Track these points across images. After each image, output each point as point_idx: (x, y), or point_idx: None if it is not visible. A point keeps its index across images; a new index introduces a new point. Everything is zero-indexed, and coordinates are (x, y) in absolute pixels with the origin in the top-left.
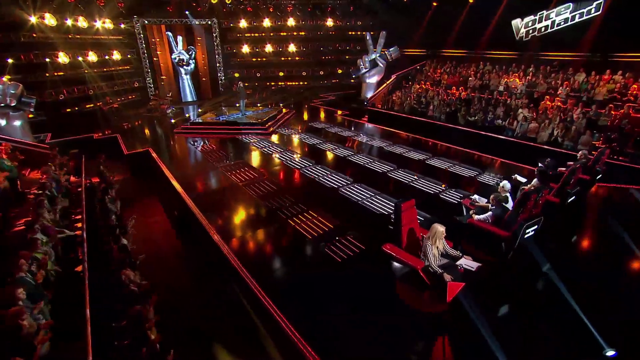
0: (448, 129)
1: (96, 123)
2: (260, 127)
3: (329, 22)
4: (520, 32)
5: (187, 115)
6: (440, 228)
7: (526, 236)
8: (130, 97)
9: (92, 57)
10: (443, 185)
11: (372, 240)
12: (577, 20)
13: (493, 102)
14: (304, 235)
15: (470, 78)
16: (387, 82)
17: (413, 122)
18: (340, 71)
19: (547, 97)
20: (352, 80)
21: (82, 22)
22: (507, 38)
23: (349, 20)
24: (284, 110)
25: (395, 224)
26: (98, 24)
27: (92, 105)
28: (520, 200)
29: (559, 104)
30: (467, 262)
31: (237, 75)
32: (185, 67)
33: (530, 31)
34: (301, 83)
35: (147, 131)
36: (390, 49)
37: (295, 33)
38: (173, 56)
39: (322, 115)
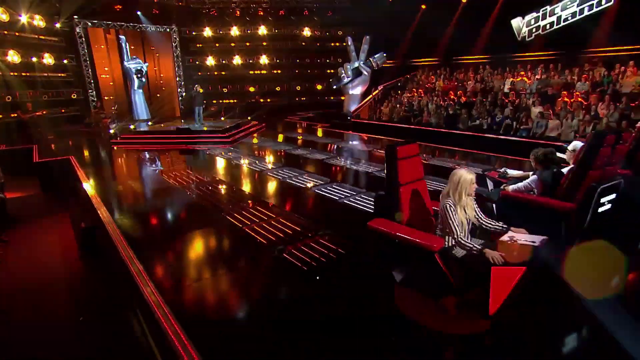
0: (447, 134)
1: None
2: (220, 136)
3: (306, 32)
4: (522, 32)
5: (131, 127)
6: (467, 175)
7: (601, 209)
8: (62, 110)
9: (14, 57)
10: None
11: (355, 239)
12: (586, 13)
13: (499, 104)
14: (259, 240)
15: (469, 82)
16: (374, 93)
17: (405, 129)
18: (319, 87)
19: (565, 93)
20: (333, 98)
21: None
22: (507, 39)
23: (328, 29)
24: (252, 121)
25: (388, 181)
26: (24, 19)
27: (15, 114)
28: (587, 152)
29: (579, 99)
30: (520, 237)
31: (200, 89)
32: (141, 79)
33: (534, 30)
34: (275, 100)
35: (74, 142)
36: (376, 56)
37: (265, 43)
38: (127, 64)
39: (300, 129)
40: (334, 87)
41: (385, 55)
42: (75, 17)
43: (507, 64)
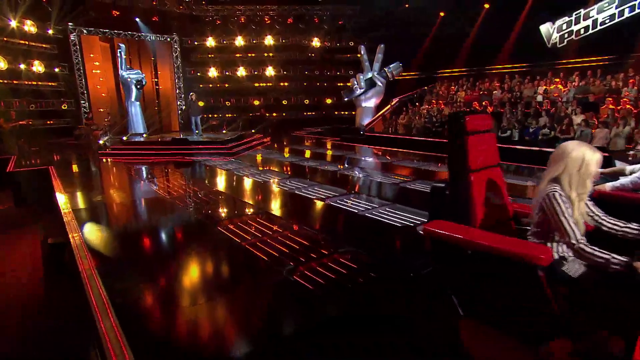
0: None
1: None
2: (221, 147)
3: (315, 42)
4: (552, 38)
5: (124, 138)
6: (592, 154)
7: None
8: (49, 122)
9: (0, 63)
10: None
11: (385, 257)
12: (627, 15)
13: (532, 113)
14: (263, 259)
15: (494, 92)
16: (388, 106)
17: (425, 142)
18: (329, 101)
19: (610, 99)
20: (345, 113)
21: None
22: (536, 46)
23: (338, 39)
24: (255, 134)
25: (452, 165)
26: (13, 24)
27: None
28: None
29: (627, 106)
30: None
31: (194, 97)
32: (140, 90)
33: (566, 35)
34: (280, 114)
35: (58, 153)
36: (391, 66)
37: (272, 54)
38: (127, 75)
39: (307, 142)
40: (346, 99)
41: (401, 65)
42: (70, 23)
43: (538, 72)
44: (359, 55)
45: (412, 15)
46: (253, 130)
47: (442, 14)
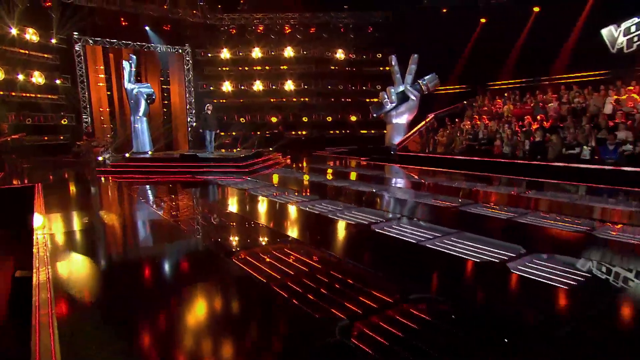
0: (530, 166)
1: None
2: (236, 165)
3: (339, 54)
4: (618, 42)
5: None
6: None
7: None
8: (45, 138)
9: None
10: None
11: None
12: None
13: (603, 125)
14: (300, 308)
15: (550, 104)
16: (423, 122)
17: (471, 162)
18: (353, 118)
19: None
20: (373, 131)
21: None
22: (597, 52)
23: (365, 51)
24: (273, 153)
25: None
26: (14, 31)
27: None
28: None
29: None
30: None
31: (210, 109)
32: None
33: (636, 39)
34: (300, 132)
35: (52, 170)
36: (426, 78)
37: (292, 67)
38: (138, 88)
39: (333, 162)
40: (375, 115)
41: (437, 77)
42: (75, 33)
43: (604, 80)
44: (389, 67)
45: (449, 22)
46: (271, 149)
47: (483, 20)
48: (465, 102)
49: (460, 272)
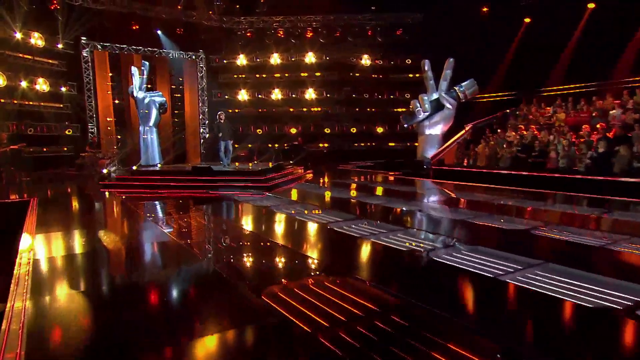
0: (595, 181)
1: None
2: (255, 179)
3: (365, 60)
4: None
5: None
6: None
7: None
8: (45, 149)
9: None
10: None
11: None
12: None
13: None
14: None
15: (612, 111)
16: (462, 132)
17: (521, 177)
18: (379, 130)
19: None
20: (400, 144)
21: None
22: None
23: (393, 56)
24: (295, 167)
25: None
26: (18, 35)
27: None
28: None
29: None
30: None
31: (222, 117)
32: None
33: None
34: (322, 144)
35: (52, 184)
36: (464, 84)
37: (314, 74)
38: (150, 97)
39: (361, 177)
40: (406, 125)
41: (476, 83)
42: (83, 38)
43: None
44: (421, 73)
45: (489, 23)
46: (291, 162)
47: (527, 19)
48: (507, 110)
49: (572, 322)
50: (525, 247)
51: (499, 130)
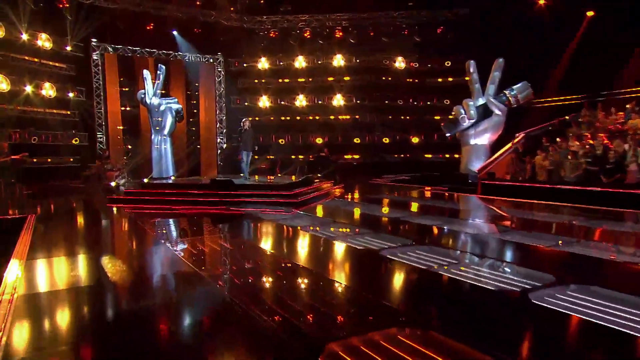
0: None
1: None
2: (282, 194)
3: (400, 63)
4: None
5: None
6: None
7: None
8: (47, 159)
9: (1, 84)
10: None
11: None
12: None
13: None
14: None
15: None
16: (516, 140)
17: (594, 194)
18: (415, 140)
19: None
20: (440, 156)
21: None
22: None
23: (431, 58)
24: (324, 181)
25: None
26: (24, 37)
27: None
28: None
29: None
30: None
31: (246, 124)
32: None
33: None
34: (351, 155)
35: (55, 198)
36: (515, 87)
37: (342, 79)
38: (166, 104)
39: (398, 193)
40: (448, 134)
41: (529, 85)
42: (94, 40)
43: None
44: (466, 76)
45: (545, 18)
46: (319, 175)
47: (590, 13)
48: (566, 117)
49: None
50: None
51: (558, 140)
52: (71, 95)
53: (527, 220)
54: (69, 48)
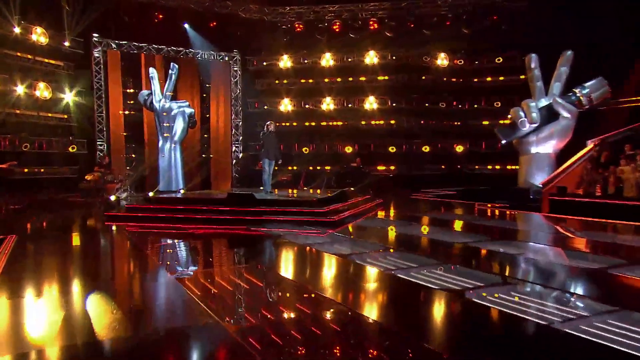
0: None
1: None
2: (314, 211)
3: (442, 59)
4: None
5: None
6: None
7: None
8: (40, 169)
9: None
10: None
11: None
12: None
13: None
14: None
15: None
16: (585, 151)
17: None
18: (459, 149)
19: None
20: (486, 167)
21: None
22: None
23: (479, 54)
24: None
25: None
26: (17, 30)
27: None
28: None
29: None
30: None
31: (271, 126)
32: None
33: None
34: (389, 168)
35: (45, 214)
36: (587, 85)
37: (375, 78)
38: (179, 107)
39: (449, 210)
40: (504, 142)
41: (606, 82)
42: (95, 35)
43: None
44: (527, 73)
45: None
46: (352, 189)
47: None
48: None
49: None
50: None
51: None
52: (69, 97)
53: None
54: (67, 43)
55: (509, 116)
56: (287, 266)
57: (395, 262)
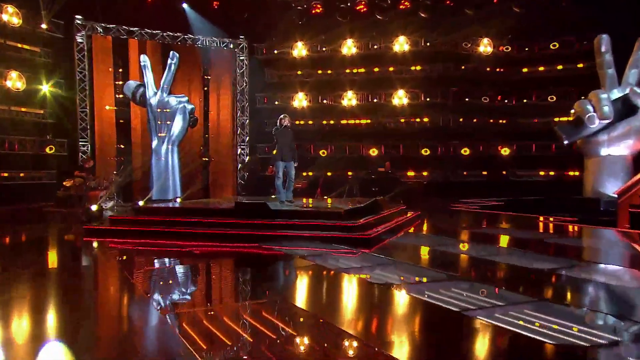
0: None
1: None
2: (340, 225)
3: (485, 47)
4: None
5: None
6: None
7: None
8: (15, 174)
9: None
10: None
11: None
12: None
13: None
14: None
15: None
16: None
17: None
18: (506, 151)
19: None
20: (537, 173)
21: None
22: None
23: (530, 40)
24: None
25: None
26: None
27: None
28: None
29: None
30: None
31: (285, 121)
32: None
33: None
34: (422, 174)
35: (11, 228)
36: None
37: (405, 68)
38: (178, 102)
39: (508, 224)
40: (566, 142)
41: None
42: (79, 17)
43: None
44: (596, 58)
45: None
46: (382, 198)
47: None
48: None
49: None
50: None
51: None
52: (47, 89)
53: None
54: (44, 26)
55: (573, 111)
56: (318, 302)
57: (469, 298)
